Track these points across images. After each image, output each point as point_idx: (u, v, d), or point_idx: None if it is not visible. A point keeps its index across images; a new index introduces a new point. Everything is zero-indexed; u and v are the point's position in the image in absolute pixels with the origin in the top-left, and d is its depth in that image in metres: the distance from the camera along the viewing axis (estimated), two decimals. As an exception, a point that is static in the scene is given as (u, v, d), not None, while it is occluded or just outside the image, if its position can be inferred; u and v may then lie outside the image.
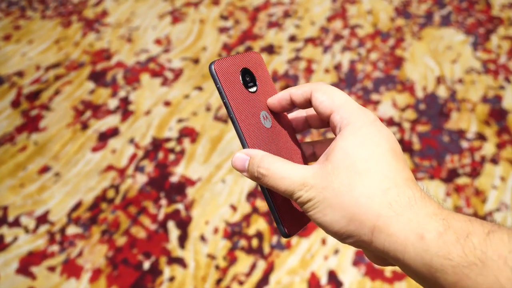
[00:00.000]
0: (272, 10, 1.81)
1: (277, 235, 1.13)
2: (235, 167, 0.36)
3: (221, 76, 0.36)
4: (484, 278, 0.24)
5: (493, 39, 1.62)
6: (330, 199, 0.31)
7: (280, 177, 0.33)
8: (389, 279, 1.04)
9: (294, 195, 0.32)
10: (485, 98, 1.42)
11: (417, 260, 0.27)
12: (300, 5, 1.83)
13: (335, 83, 1.49)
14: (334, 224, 0.31)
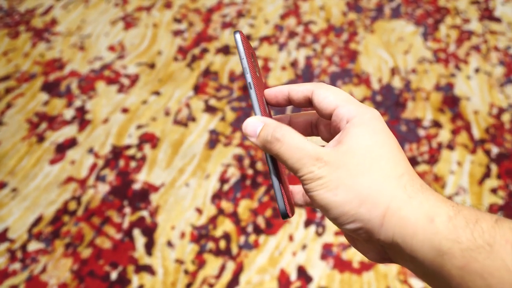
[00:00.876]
0: (225, 10, 1.81)
1: (244, 235, 1.13)
2: (245, 130, 0.35)
3: (244, 46, 0.37)
4: (491, 262, 0.25)
5: (442, 29, 1.67)
6: (344, 179, 0.30)
7: (295, 146, 0.32)
8: (357, 270, 1.06)
9: (304, 169, 0.31)
10: (438, 86, 1.46)
11: (425, 244, 0.27)
12: (253, 5, 1.83)
13: (293, 80, 1.51)
14: (344, 205, 0.30)
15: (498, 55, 1.55)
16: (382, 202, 0.29)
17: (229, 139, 1.34)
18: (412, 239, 0.28)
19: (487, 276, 0.25)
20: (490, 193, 1.18)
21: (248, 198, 1.21)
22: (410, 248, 0.28)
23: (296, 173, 0.32)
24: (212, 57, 1.61)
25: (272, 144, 0.33)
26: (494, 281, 0.24)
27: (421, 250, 0.27)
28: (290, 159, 0.32)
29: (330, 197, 0.30)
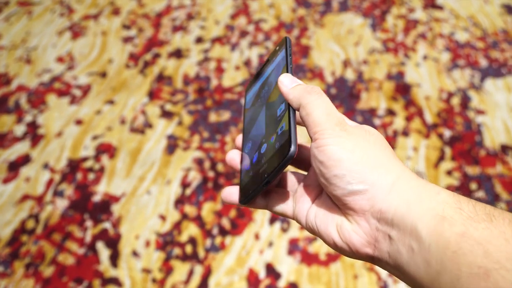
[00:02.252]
0: (174, 14, 1.79)
1: (210, 238, 1.13)
2: (282, 80, 0.38)
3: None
4: (490, 232, 0.26)
5: (389, 19, 1.71)
6: (363, 145, 0.32)
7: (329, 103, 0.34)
8: (325, 262, 1.07)
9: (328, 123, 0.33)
10: (389, 75, 1.49)
11: (429, 211, 0.28)
12: (202, 6, 1.82)
13: (247, 79, 1.51)
14: (359, 163, 0.31)
15: (443, 42, 1.60)
16: (394, 171, 0.31)
17: (188, 143, 1.33)
18: (418, 206, 0.29)
19: (486, 243, 0.25)
20: (446, 175, 1.22)
21: (211, 200, 1.20)
22: (412, 216, 0.29)
23: (317, 127, 0.33)
24: (165, 62, 1.59)
25: (310, 94, 0.35)
26: (492, 248, 0.25)
27: (424, 218, 0.28)
28: (319, 111, 0.33)
29: (346, 153, 0.31)
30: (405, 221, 0.29)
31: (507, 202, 1.14)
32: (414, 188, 0.30)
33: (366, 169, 0.31)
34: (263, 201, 0.40)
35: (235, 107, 1.42)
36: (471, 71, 1.48)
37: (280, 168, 0.35)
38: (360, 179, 0.31)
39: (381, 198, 0.31)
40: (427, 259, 0.27)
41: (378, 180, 0.31)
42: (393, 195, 0.30)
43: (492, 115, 1.35)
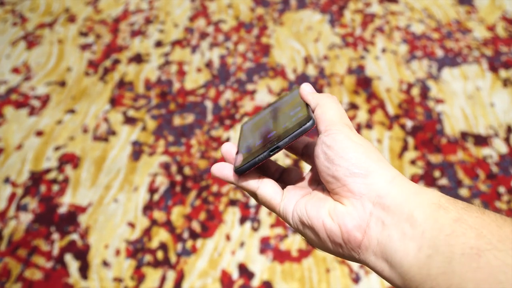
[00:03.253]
0: (132, 18, 1.77)
1: (181, 242, 1.12)
2: (305, 87, 0.42)
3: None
4: (482, 220, 0.27)
5: (347, 14, 1.74)
6: (366, 144, 0.35)
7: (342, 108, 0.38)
8: (297, 258, 1.07)
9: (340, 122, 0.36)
10: (350, 70, 1.51)
11: (426, 201, 0.30)
12: (160, 10, 1.81)
13: (209, 80, 1.50)
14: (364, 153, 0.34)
15: (400, 34, 1.63)
16: (394, 171, 0.33)
17: (153, 148, 1.32)
18: (416, 197, 0.30)
19: (479, 227, 0.26)
20: (410, 164, 1.24)
21: (180, 204, 1.19)
22: (410, 205, 0.30)
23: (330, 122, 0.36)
24: (125, 67, 1.57)
25: (328, 97, 0.39)
26: (485, 231, 0.26)
27: (421, 206, 0.30)
28: (334, 111, 0.37)
29: (353, 144, 0.34)
30: (402, 208, 0.30)
31: (469, 187, 1.18)
32: (412, 184, 0.32)
33: (370, 160, 0.33)
34: (256, 182, 0.39)
35: (199, 110, 1.42)
36: (429, 62, 1.52)
37: (294, 135, 0.37)
38: (363, 165, 0.33)
39: (380, 186, 0.32)
40: (419, 244, 0.28)
41: (379, 170, 0.33)
42: (393, 185, 0.32)
43: (451, 103, 1.38)
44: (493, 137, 1.28)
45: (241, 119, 1.38)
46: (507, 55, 1.51)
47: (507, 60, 1.49)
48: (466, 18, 1.67)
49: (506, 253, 0.24)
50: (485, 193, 1.16)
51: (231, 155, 0.42)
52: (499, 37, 1.58)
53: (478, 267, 0.25)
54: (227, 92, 1.47)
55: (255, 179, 0.39)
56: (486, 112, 1.35)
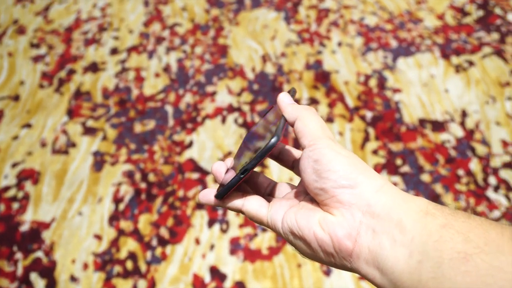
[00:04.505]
0: (85, 27, 1.73)
1: (150, 250, 1.10)
2: (282, 98, 0.40)
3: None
4: (469, 224, 0.28)
5: (301, 11, 1.75)
6: (351, 155, 0.35)
7: (322, 121, 0.38)
8: (267, 256, 1.08)
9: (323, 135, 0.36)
10: (308, 65, 1.53)
11: (413, 209, 0.30)
12: (113, 16, 1.78)
13: (168, 85, 1.49)
14: (350, 165, 0.34)
15: (355, 27, 1.66)
16: (381, 179, 0.34)
17: (115, 157, 1.30)
18: (404, 204, 0.31)
19: (466, 231, 0.27)
20: (372, 154, 1.26)
21: (146, 212, 1.17)
22: (398, 211, 0.31)
23: (314, 136, 0.36)
24: (81, 77, 1.53)
25: (307, 110, 0.38)
26: (472, 235, 0.27)
27: (409, 212, 0.30)
28: (316, 124, 0.37)
29: (340, 156, 0.34)
30: (391, 215, 0.31)
31: (430, 172, 1.20)
32: (399, 192, 0.33)
33: (357, 171, 0.33)
34: (240, 201, 0.41)
35: (160, 115, 1.40)
36: (384, 53, 1.55)
37: (259, 156, 0.36)
38: (351, 176, 0.33)
39: (369, 195, 0.32)
40: (409, 250, 0.29)
41: (367, 181, 0.33)
42: (381, 193, 0.32)
43: (407, 92, 1.41)
44: (449, 122, 1.32)
45: (203, 122, 1.37)
46: (457, 42, 1.55)
47: (457, 47, 1.53)
48: (416, 8, 1.71)
49: (493, 255, 0.25)
50: (445, 177, 1.19)
51: (220, 174, 0.43)
52: (449, 25, 1.62)
53: (467, 270, 0.25)
54: (187, 95, 1.46)
55: (240, 198, 0.41)
56: (442, 98, 1.38)
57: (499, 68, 1.45)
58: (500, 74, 1.43)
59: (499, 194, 1.15)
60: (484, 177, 1.19)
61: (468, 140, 1.27)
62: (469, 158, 1.23)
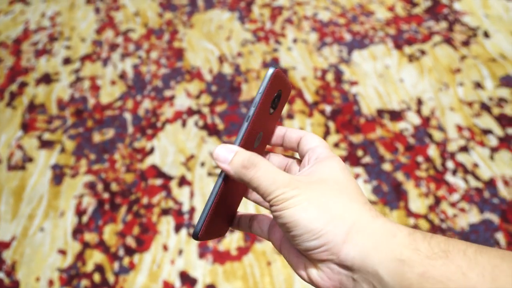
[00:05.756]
0: (35, 38, 1.69)
1: (117, 260, 1.08)
2: (217, 157, 0.35)
3: (270, 85, 0.37)
4: (447, 268, 0.27)
5: (255, 10, 1.75)
6: (315, 199, 0.32)
7: (271, 171, 0.34)
8: (237, 257, 1.07)
9: (277, 191, 0.33)
10: (265, 63, 1.53)
11: (388, 255, 0.29)
12: (63, 25, 1.73)
13: (126, 92, 1.46)
14: (313, 221, 0.31)
15: (309, 23, 1.67)
16: (349, 219, 0.32)
17: (75, 169, 1.27)
18: (376, 252, 0.30)
19: (445, 280, 0.27)
20: (334, 147, 1.28)
21: (111, 222, 1.15)
22: (372, 262, 0.30)
23: (269, 196, 0.33)
24: (34, 90, 1.49)
25: (248, 169, 0.34)
26: (452, 284, 0.27)
27: (384, 262, 0.29)
28: (265, 182, 0.33)
29: (300, 214, 0.32)
30: (365, 266, 0.30)
31: (391, 161, 1.23)
32: (370, 234, 0.31)
33: (322, 224, 0.32)
34: (247, 228, 0.43)
35: (118, 123, 1.38)
36: (339, 47, 1.57)
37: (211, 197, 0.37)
38: (316, 236, 0.32)
39: (337, 249, 0.32)
40: None
41: (333, 232, 0.32)
42: (349, 245, 0.31)
43: (364, 84, 1.44)
44: (406, 111, 1.35)
45: (163, 127, 1.36)
46: (409, 32, 1.59)
47: (409, 37, 1.57)
48: (367, 1, 1.74)
49: None
50: (405, 165, 1.22)
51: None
52: (399, 16, 1.66)
53: None
54: (145, 101, 1.44)
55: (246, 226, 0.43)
56: (397, 88, 1.41)
57: (449, 55, 1.49)
58: (451, 61, 1.47)
59: (457, 177, 1.18)
60: (442, 162, 1.22)
61: (425, 127, 1.30)
62: (427, 145, 1.26)
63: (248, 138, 0.38)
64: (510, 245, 1.05)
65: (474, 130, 1.28)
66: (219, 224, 0.40)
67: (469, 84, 1.40)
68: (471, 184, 1.17)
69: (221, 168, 0.35)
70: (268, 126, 0.41)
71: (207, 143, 1.31)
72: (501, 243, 1.06)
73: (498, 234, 1.07)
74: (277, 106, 0.41)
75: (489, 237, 1.07)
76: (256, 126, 0.38)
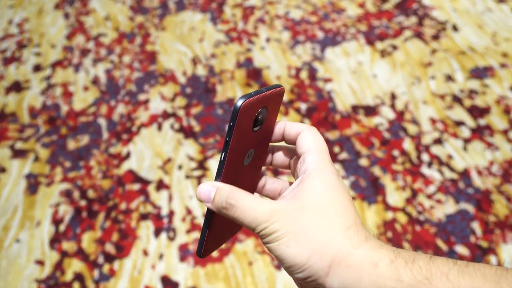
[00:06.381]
0: (2, 45, 1.65)
1: (97, 268, 1.07)
2: (199, 197, 0.36)
3: (241, 118, 0.35)
4: None
5: (227, 10, 1.75)
6: (295, 232, 0.33)
7: (248, 208, 0.34)
8: (218, 258, 1.07)
9: (259, 227, 0.33)
10: (239, 64, 1.53)
11: (371, 287, 0.30)
12: (32, 32, 1.70)
13: (99, 97, 1.44)
14: (296, 256, 0.32)
15: (281, 22, 1.68)
16: (329, 253, 0.32)
17: (50, 178, 1.24)
18: (359, 284, 0.30)
19: None
20: (311, 145, 1.28)
21: (89, 229, 1.14)
22: None
23: (254, 231, 0.34)
24: (4, 98, 1.46)
25: (227, 210, 0.35)
26: None
27: None
28: (245, 220, 0.34)
29: (283, 249, 0.33)
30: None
31: (367, 156, 1.24)
32: (351, 266, 0.31)
33: (304, 259, 0.32)
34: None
35: (93, 129, 1.36)
36: (312, 44, 1.58)
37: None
38: (301, 269, 0.33)
39: (322, 281, 0.32)
40: None
41: (315, 266, 0.32)
42: (332, 277, 0.32)
43: (338, 80, 1.45)
44: (380, 106, 1.36)
45: (138, 131, 1.34)
46: (380, 28, 1.61)
47: (380, 32, 1.59)
48: (338, -1, 1.75)
49: None
50: (382, 159, 1.23)
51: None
52: (370, 12, 1.68)
53: None
54: (120, 106, 1.42)
55: None
56: (371, 84, 1.43)
57: (420, 49, 1.51)
58: (422, 55, 1.49)
59: (432, 169, 1.20)
60: (418, 155, 1.24)
61: (400, 121, 1.32)
62: (402, 138, 1.28)
63: (231, 166, 0.38)
64: (486, 233, 1.07)
65: (447, 122, 1.30)
66: (222, 234, 0.41)
67: (440, 77, 1.42)
68: (446, 175, 1.19)
69: (206, 206, 0.37)
70: (259, 138, 0.40)
71: (184, 146, 1.30)
72: (477, 232, 1.08)
73: (474, 223, 1.09)
74: (265, 119, 0.39)
75: (465, 226, 1.09)
76: (237, 152, 0.38)
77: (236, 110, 0.35)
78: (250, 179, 0.42)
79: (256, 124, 0.38)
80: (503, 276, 0.27)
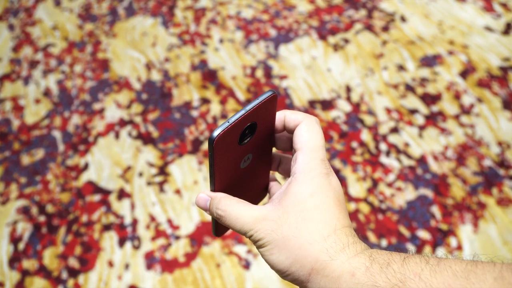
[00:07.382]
0: None
1: (61, 284, 1.04)
2: (199, 205, 0.41)
3: (217, 149, 0.36)
4: None
5: (178, 13, 1.74)
6: (277, 241, 0.35)
7: (235, 217, 0.37)
8: (185, 263, 1.06)
9: (247, 234, 0.37)
10: (194, 66, 1.52)
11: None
12: (-23, 46, 1.64)
13: (52, 109, 1.41)
14: (279, 263, 0.35)
15: (233, 22, 1.68)
16: (308, 263, 0.34)
17: (5, 195, 1.20)
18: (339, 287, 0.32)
19: None
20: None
21: (50, 245, 1.10)
22: None
23: (245, 234, 0.37)
24: (-49, 117, 1.40)
25: (219, 219, 0.39)
26: None
27: None
28: (236, 227, 0.37)
29: (268, 256, 0.36)
30: None
31: (327, 149, 1.26)
32: (329, 276, 0.33)
33: (286, 266, 0.35)
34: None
35: (48, 142, 1.32)
36: (265, 43, 1.58)
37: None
38: (286, 273, 0.36)
39: (305, 285, 0.35)
40: None
41: (297, 273, 0.35)
42: (313, 284, 0.34)
43: (293, 76, 1.46)
44: (336, 99, 1.38)
45: (95, 141, 1.32)
46: (331, 22, 1.63)
47: (332, 27, 1.61)
48: (288, -4, 1.77)
49: None
50: (341, 152, 1.25)
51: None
52: (320, 7, 1.70)
53: None
54: (74, 116, 1.39)
55: None
56: (326, 78, 1.45)
57: (371, 41, 1.54)
58: (373, 47, 1.52)
59: (391, 158, 1.23)
60: (376, 145, 1.26)
61: (356, 113, 1.34)
62: (359, 130, 1.30)
63: (223, 176, 0.39)
64: (445, 216, 1.10)
65: (401, 111, 1.33)
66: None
67: (392, 67, 1.45)
68: (404, 163, 1.21)
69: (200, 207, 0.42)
70: (256, 142, 0.40)
71: (143, 153, 1.28)
72: (437, 216, 1.11)
73: (434, 207, 1.12)
74: (256, 127, 0.39)
75: (426, 211, 1.12)
76: (228, 163, 0.39)
77: (211, 144, 0.35)
78: (253, 177, 0.44)
79: (244, 138, 0.38)
80: (472, 271, 0.28)
